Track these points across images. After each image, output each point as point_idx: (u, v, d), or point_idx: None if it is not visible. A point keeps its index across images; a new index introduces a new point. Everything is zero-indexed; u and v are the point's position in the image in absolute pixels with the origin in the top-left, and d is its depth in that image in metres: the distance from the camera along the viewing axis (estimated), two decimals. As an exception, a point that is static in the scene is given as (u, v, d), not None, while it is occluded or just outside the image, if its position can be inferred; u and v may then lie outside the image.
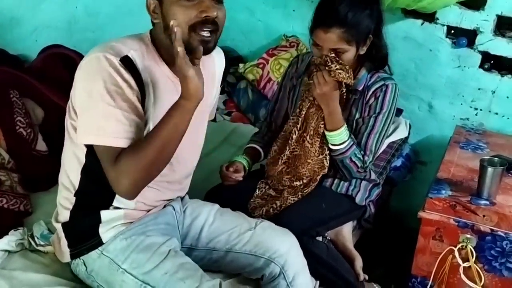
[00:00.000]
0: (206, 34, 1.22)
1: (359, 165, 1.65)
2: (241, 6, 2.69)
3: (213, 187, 1.73)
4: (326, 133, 1.62)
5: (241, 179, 1.66)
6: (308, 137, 1.63)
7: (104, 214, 1.31)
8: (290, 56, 2.46)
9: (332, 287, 1.63)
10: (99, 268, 1.29)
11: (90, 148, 1.24)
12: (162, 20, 1.23)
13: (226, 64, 1.55)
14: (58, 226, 1.35)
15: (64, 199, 1.34)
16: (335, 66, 1.54)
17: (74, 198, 1.31)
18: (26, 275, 1.34)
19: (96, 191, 1.29)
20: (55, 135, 1.86)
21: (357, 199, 1.73)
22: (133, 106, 1.20)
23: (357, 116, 1.67)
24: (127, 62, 1.20)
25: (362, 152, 1.65)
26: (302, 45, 2.55)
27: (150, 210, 1.37)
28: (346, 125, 1.62)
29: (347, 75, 1.57)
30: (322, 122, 1.62)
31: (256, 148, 1.80)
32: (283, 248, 1.40)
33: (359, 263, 1.72)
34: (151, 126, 1.24)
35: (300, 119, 1.64)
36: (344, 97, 1.63)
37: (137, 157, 1.16)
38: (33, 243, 1.43)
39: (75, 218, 1.32)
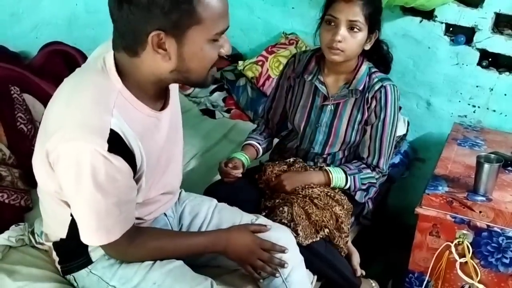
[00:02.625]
0: (215, 70, 1.16)
1: (375, 180, 1.72)
2: (241, 3, 2.70)
3: (212, 184, 1.74)
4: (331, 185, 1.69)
5: (240, 175, 1.68)
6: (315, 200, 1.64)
7: None
8: (289, 53, 2.47)
9: (330, 282, 1.66)
10: (89, 285, 1.29)
11: None
12: (178, 63, 1.08)
13: None
14: (49, 244, 1.34)
15: (53, 231, 1.32)
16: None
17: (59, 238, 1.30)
18: (27, 269, 1.35)
19: None
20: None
21: (357, 196, 1.74)
22: (129, 189, 1.15)
23: (359, 117, 1.69)
24: (114, 142, 1.05)
25: (375, 162, 1.70)
26: (301, 42, 2.56)
27: (140, 224, 1.34)
28: (330, 172, 1.67)
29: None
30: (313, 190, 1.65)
31: (254, 145, 1.81)
32: (279, 244, 1.41)
33: (356, 258, 1.74)
34: (144, 178, 1.18)
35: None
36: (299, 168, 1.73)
37: (154, 252, 1.26)
38: (33, 240, 1.43)
39: (65, 241, 1.29)
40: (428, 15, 2.29)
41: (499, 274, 1.64)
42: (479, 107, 2.31)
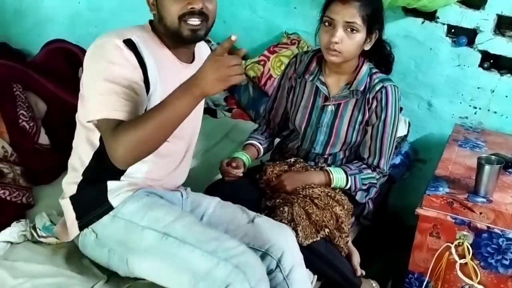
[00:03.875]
0: (194, 22, 1.32)
1: (376, 180, 1.72)
2: (243, 3, 2.70)
3: (213, 183, 1.74)
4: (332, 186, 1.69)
5: (241, 175, 1.68)
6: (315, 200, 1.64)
7: (111, 184, 1.38)
8: (291, 53, 2.47)
9: (330, 282, 1.66)
10: (113, 231, 1.34)
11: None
12: (157, 12, 1.35)
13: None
14: (65, 202, 1.40)
15: (72, 178, 1.41)
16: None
17: (82, 176, 1.39)
18: (28, 266, 1.36)
19: (105, 168, 1.32)
20: (58, 129, 1.88)
21: (357, 197, 1.75)
22: (133, 84, 1.28)
23: (360, 118, 1.69)
24: (129, 44, 1.30)
25: (375, 162, 1.70)
26: (303, 42, 2.57)
27: (152, 185, 1.44)
28: (331, 172, 1.68)
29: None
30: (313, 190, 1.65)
31: (255, 145, 1.82)
32: (280, 242, 1.42)
33: (356, 258, 1.74)
34: (153, 105, 1.29)
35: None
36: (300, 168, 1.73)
37: (136, 128, 1.21)
38: (35, 234, 1.45)
39: (82, 190, 1.39)
40: (430, 16, 2.29)
41: (499, 276, 1.64)
42: (480, 108, 2.32)
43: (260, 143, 1.83)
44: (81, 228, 1.37)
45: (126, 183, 1.38)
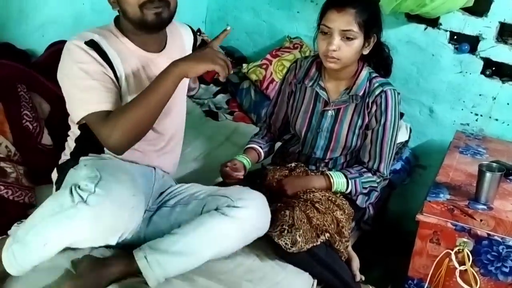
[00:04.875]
0: (156, 6, 1.38)
1: (376, 183, 1.72)
2: (246, 6, 2.71)
3: (214, 186, 1.75)
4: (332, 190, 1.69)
5: (242, 177, 1.69)
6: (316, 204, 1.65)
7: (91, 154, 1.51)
8: (293, 57, 2.48)
9: (329, 287, 1.66)
10: (68, 175, 1.45)
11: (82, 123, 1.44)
12: (120, 7, 1.42)
13: (195, 38, 1.71)
14: (54, 174, 1.56)
15: (66, 151, 1.57)
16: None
17: (69, 156, 1.54)
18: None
19: (89, 148, 1.48)
20: (61, 129, 1.88)
21: (358, 201, 1.75)
22: (106, 78, 1.38)
23: (360, 122, 1.70)
24: (91, 44, 1.38)
25: (375, 166, 1.70)
26: (305, 46, 2.57)
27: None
28: (331, 176, 1.68)
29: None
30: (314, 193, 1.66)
31: (256, 148, 1.82)
32: (250, 196, 1.48)
33: (356, 263, 1.74)
34: (128, 98, 1.41)
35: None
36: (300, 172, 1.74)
37: (126, 112, 1.32)
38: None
39: (71, 160, 1.53)
40: (432, 22, 2.30)
41: (499, 283, 1.64)
42: (481, 115, 2.32)
43: (261, 147, 1.83)
44: (57, 188, 1.50)
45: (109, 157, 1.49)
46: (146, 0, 1.38)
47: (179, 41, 1.62)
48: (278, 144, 1.95)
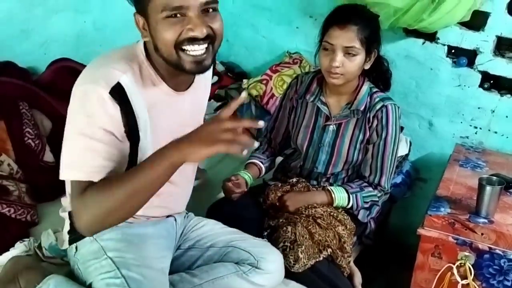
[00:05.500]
0: (197, 52, 1.13)
1: (378, 198, 1.73)
2: (246, 22, 2.74)
3: (215, 202, 1.75)
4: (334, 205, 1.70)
5: (244, 191, 1.69)
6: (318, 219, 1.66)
7: None
8: (293, 72, 2.50)
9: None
10: (86, 251, 1.32)
11: None
12: (152, 40, 1.16)
13: (213, 67, 1.54)
14: (64, 215, 1.39)
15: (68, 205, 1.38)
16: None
17: None
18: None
19: None
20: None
21: (360, 216, 1.75)
22: (113, 139, 1.13)
23: (361, 137, 1.70)
24: (117, 92, 1.13)
25: (376, 180, 1.70)
26: (305, 62, 2.59)
27: (149, 218, 1.40)
28: (332, 191, 1.69)
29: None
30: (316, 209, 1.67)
31: (257, 163, 1.83)
32: (271, 258, 1.45)
33: (358, 278, 1.74)
34: (150, 151, 1.14)
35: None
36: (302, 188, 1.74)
37: (103, 195, 1.07)
38: (40, 254, 1.44)
39: None
40: (430, 37, 2.32)
41: (501, 297, 1.63)
42: (480, 128, 2.33)
43: (261, 162, 1.84)
44: (70, 242, 1.37)
45: None
46: (186, 38, 1.11)
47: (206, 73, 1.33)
48: (279, 159, 1.96)
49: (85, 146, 1.11)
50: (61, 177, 1.15)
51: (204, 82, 1.41)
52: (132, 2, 1.24)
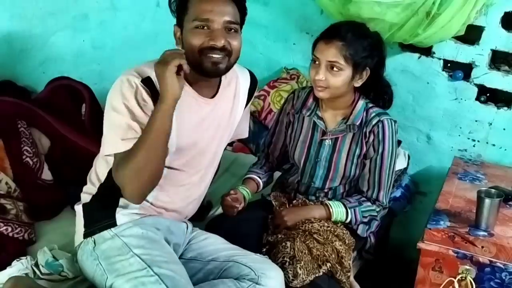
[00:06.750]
0: (216, 55, 1.35)
1: (376, 212, 1.73)
2: (243, 39, 2.74)
3: (214, 217, 1.75)
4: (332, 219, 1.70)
5: (243, 206, 1.69)
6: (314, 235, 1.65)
7: (122, 201, 1.43)
8: (291, 88, 2.51)
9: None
10: (108, 247, 1.38)
11: None
12: (182, 46, 1.40)
13: (253, 83, 1.67)
14: (78, 208, 1.47)
15: (88, 189, 1.48)
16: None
17: (97, 190, 1.46)
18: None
19: (118, 187, 1.35)
20: (60, 165, 1.90)
21: (359, 231, 1.75)
22: (146, 118, 1.31)
23: (358, 151, 1.71)
24: (148, 83, 1.34)
25: (374, 195, 1.70)
26: (302, 77, 2.61)
27: (162, 213, 1.48)
28: (330, 206, 1.69)
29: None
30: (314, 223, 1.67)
31: (254, 179, 1.83)
32: (272, 274, 1.45)
33: (359, 294, 1.72)
34: (174, 140, 1.37)
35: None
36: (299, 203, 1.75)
37: (128, 159, 1.27)
38: (37, 272, 1.44)
39: (95, 201, 1.45)
40: (426, 51, 2.34)
41: (503, 311, 1.62)
42: (478, 141, 2.34)
43: (259, 177, 1.84)
44: (85, 236, 1.42)
45: (137, 206, 1.42)
46: (207, 46, 1.35)
47: (234, 84, 1.57)
48: (278, 173, 1.96)
49: (121, 123, 1.30)
50: (105, 153, 1.35)
51: (232, 94, 1.56)
52: (174, 15, 1.44)
